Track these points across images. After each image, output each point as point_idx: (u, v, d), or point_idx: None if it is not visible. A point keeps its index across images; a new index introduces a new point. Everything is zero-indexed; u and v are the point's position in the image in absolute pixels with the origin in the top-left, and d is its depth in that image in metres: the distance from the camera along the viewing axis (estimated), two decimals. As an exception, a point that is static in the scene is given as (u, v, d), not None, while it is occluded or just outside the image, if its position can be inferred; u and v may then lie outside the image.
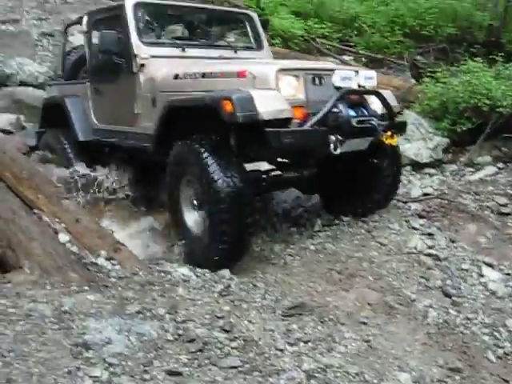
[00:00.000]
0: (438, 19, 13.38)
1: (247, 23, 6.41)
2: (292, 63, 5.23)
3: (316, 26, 12.35)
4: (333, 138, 4.44)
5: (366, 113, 4.73)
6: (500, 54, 8.00)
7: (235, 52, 6.03)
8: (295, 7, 13.51)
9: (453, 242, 4.93)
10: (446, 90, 7.04)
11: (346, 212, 5.44)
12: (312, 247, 4.79)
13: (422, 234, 4.99)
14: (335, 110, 4.49)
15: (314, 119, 4.40)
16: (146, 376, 2.95)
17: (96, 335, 3.27)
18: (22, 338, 3.31)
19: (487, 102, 6.60)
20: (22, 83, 8.67)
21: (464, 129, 6.89)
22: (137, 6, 5.60)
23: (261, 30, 6.44)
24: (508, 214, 5.41)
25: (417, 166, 6.82)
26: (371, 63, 12.28)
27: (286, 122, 4.35)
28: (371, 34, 13.18)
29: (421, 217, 5.38)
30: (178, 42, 5.73)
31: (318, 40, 12.41)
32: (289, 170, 5.08)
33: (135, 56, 5.40)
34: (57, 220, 4.95)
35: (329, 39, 12.97)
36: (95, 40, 6.15)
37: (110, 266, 4.40)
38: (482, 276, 4.42)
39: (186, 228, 4.77)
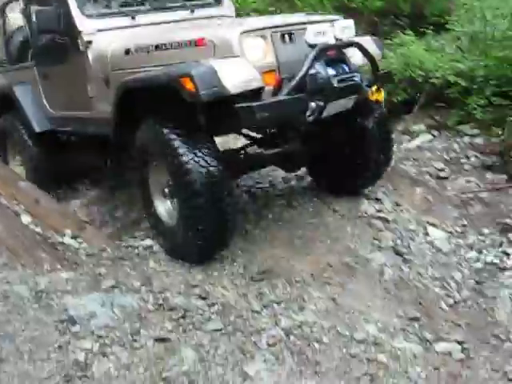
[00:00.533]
0: (366, -8, 13.76)
1: None
2: (255, 22, 4.57)
3: (249, 0, 12.46)
4: (313, 104, 3.94)
5: (347, 69, 4.21)
6: (430, 28, 8.41)
7: (192, 12, 5.34)
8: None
9: (398, 205, 5.27)
10: (381, 63, 7.36)
11: (338, 190, 5.17)
12: (270, 216, 5.02)
13: (371, 199, 5.30)
14: (312, 71, 3.91)
15: (290, 85, 3.85)
16: (136, 344, 3.14)
17: (81, 310, 3.40)
18: (3, 318, 3.41)
19: (421, 73, 6.95)
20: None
21: (400, 99, 7.23)
22: None
23: None
24: (445, 178, 5.80)
25: (357, 136, 7.14)
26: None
27: (258, 92, 3.83)
28: (303, 7, 13.42)
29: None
30: (124, 9, 5.06)
31: (252, 14, 12.56)
32: (268, 146, 4.63)
33: (80, 32, 4.80)
34: (15, 202, 4.95)
35: (262, 14, 13.09)
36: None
37: (76, 244, 4.50)
38: (427, 235, 4.78)
39: (159, 219, 4.37)
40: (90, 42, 4.79)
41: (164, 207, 4.34)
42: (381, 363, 3.07)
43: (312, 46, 3.99)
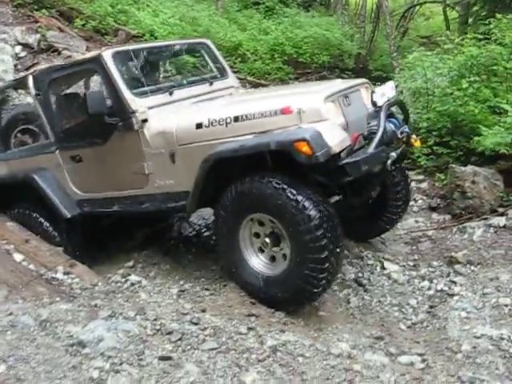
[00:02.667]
0: (314, 48, 14.79)
1: (204, 52, 6.06)
2: (327, 88, 4.71)
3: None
4: (393, 154, 4.42)
5: (398, 123, 4.74)
6: (373, 82, 9.27)
7: (211, 85, 5.65)
8: (182, 34, 14.21)
9: (356, 243, 5.88)
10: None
11: (356, 234, 5.60)
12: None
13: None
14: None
15: (376, 140, 4.28)
16: (143, 363, 3.53)
17: (89, 335, 3.78)
18: (15, 344, 3.75)
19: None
20: None
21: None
22: (115, 56, 5.03)
23: (219, 56, 6.12)
24: (396, 219, 6.49)
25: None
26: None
27: (346, 149, 4.27)
28: (254, 60, 14.25)
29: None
30: (161, 86, 5.32)
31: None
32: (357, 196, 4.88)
33: (133, 112, 4.84)
34: (5, 241, 5.30)
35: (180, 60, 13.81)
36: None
37: (69, 279, 4.88)
38: (384, 268, 5.38)
39: (254, 272, 4.51)
40: (145, 121, 4.87)
41: (260, 260, 4.54)
42: (356, 371, 3.57)
43: (375, 105, 4.50)
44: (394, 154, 4.44)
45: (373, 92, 4.65)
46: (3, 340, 3.78)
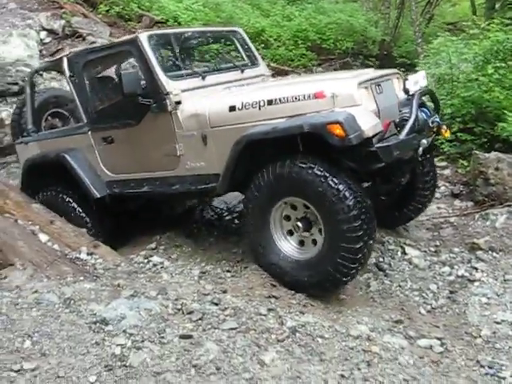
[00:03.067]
0: (337, 34, 14.68)
1: (237, 40, 6.16)
2: (360, 75, 4.81)
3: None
4: (425, 141, 4.50)
5: (428, 112, 4.83)
6: (398, 68, 9.20)
7: (242, 72, 5.76)
8: (206, 21, 14.21)
9: (378, 228, 5.86)
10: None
11: (387, 223, 5.60)
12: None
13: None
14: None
15: (407, 127, 4.36)
16: (164, 340, 3.61)
17: (111, 313, 3.86)
18: (40, 321, 3.85)
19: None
20: None
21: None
22: (150, 39, 5.13)
23: (251, 44, 6.23)
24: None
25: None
26: (277, 75, 13.32)
27: (378, 134, 4.30)
28: (277, 46, 14.21)
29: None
30: (197, 70, 5.42)
31: (231, 53, 13.27)
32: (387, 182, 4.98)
33: (167, 94, 4.93)
34: (30, 223, 5.40)
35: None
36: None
37: (93, 260, 4.96)
38: (405, 254, 5.36)
39: (284, 256, 4.56)
40: (178, 103, 4.96)
41: (289, 244, 4.60)
42: (375, 353, 3.60)
43: (408, 93, 4.57)
44: (425, 142, 4.49)
45: (405, 80, 4.66)
46: (28, 316, 3.89)
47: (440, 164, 7.19)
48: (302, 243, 4.57)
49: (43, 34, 11.80)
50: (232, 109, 4.70)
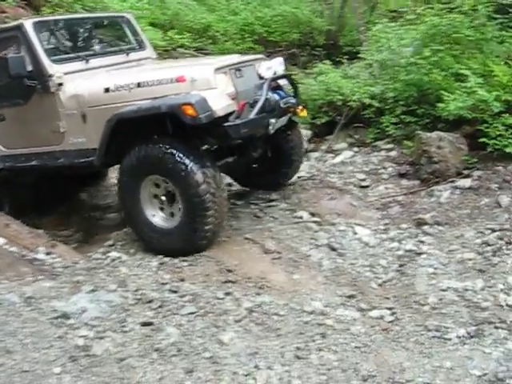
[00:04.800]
0: (283, 26, 14.86)
1: (125, 25, 6.59)
2: (219, 61, 5.43)
3: (176, 36, 13.20)
4: (273, 120, 5.15)
5: (284, 94, 5.52)
6: (344, 57, 9.47)
7: (127, 55, 6.27)
8: (151, 19, 14.18)
9: (328, 211, 6.07)
10: (305, 90, 8.26)
11: (259, 186, 6.39)
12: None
13: (304, 207, 6.09)
14: (267, 96, 5.15)
15: (257, 107, 5.02)
16: (126, 329, 3.73)
17: (72, 307, 3.95)
18: (2, 320, 3.94)
19: (340, 97, 7.88)
20: None
21: (322, 121, 8.16)
22: (35, 25, 5.54)
23: (139, 30, 6.68)
24: (367, 187, 6.67)
25: (287, 155, 7.95)
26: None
27: (230, 114, 4.94)
28: (224, 41, 14.30)
29: (299, 192, 6.50)
30: (80, 54, 5.81)
31: (178, 50, 13.31)
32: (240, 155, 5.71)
33: (50, 76, 5.37)
34: (-15, 227, 5.40)
35: (186, 48, 13.88)
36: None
37: (51, 259, 5.03)
38: (356, 233, 5.54)
39: (151, 225, 5.09)
40: (60, 84, 5.40)
41: (156, 215, 5.14)
42: (328, 326, 3.78)
43: (261, 78, 5.26)
44: (273, 121, 5.16)
45: (259, 66, 5.37)
46: (-10, 316, 3.94)
47: (386, 146, 7.46)
48: (170, 215, 5.12)
49: (-14, 39, 11.58)
50: (106, 90, 5.23)
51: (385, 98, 7.71)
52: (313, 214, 5.91)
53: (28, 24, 5.49)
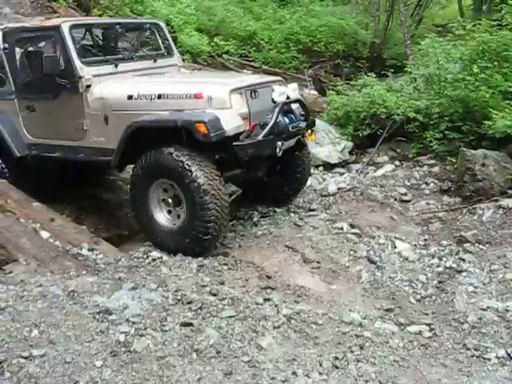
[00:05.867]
0: (328, 37, 14.92)
1: (156, 32, 6.90)
2: (237, 82, 5.74)
3: (222, 42, 13.37)
4: (279, 143, 5.37)
5: (294, 118, 5.72)
6: (389, 70, 9.44)
7: (155, 61, 6.57)
8: (198, 24, 14.40)
9: (369, 223, 6.07)
10: (349, 101, 8.28)
11: (265, 200, 6.53)
12: (259, 232, 5.76)
13: (344, 219, 6.10)
14: (277, 120, 5.37)
15: (265, 130, 5.26)
16: (166, 328, 3.78)
17: (115, 303, 4.03)
18: (46, 312, 4.01)
19: (384, 110, 7.86)
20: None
21: (365, 134, 8.14)
22: (71, 28, 5.85)
23: (169, 37, 6.97)
24: (408, 201, 6.64)
25: (328, 167, 7.95)
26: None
27: (240, 133, 5.19)
28: (268, 49, 14.42)
29: (339, 204, 6.51)
30: (109, 58, 6.09)
31: (223, 56, 13.47)
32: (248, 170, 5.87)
33: (80, 77, 5.69)
34: (31, 220, 5.54)
35: (231, 55, 14.05)
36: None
37: (94, 255, 5.12)
38: (395, 247, 5.53)
39: (157, 225, 5.39)
40: (88, 86, 5.73)
41: (163, 215, 5.42)
42: (367, 337, 3.79)
43: (274, 101, 5.43)
44: (280, 144, 5.36)
45: (273, 91, 5.51)
46: (34, 308, 4.05)
47: (429, 162, 7.40)
48: (177, 216, 5.36)
49: (38, 38, 11.89)
50: (130, 97, 5.54)
51: (429, 113, 7.66)
52: (353, 226, 5.90)
53: (65, 26, 5.80)
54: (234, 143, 5.12)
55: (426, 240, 5.74)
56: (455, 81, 7.54)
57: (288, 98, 5.64)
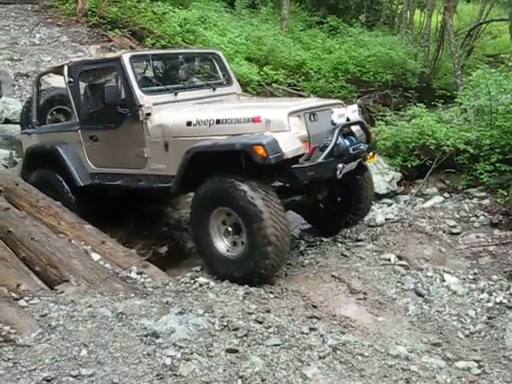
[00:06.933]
0: (377, 66, 14.93)
1: (215, 61, 7.02)
2: (295, 105, 5.64)
3: (271, 72, 13.53)
4: (340, 165, 5.25)
5: (355, 140, 5.66)
6: (438, 101, 9.38)
7: (214, 90, 6.64)
8: (248, 54, 14.61)
9: (417, 255, 5.99)
10: (397, 132, 8.25)
11: (326, 226, 6.47)
12: (306, 261, 5.76)
13: (391, 250, 6.04)
14: (337, 142, 5.30)
15: (325, 153, 5.16)
16: (211, 353, 3.81)
17: (162, 326, 4.09)
18: (95, 332, 4.09)
19: (433, 141, 7.82)
20: (7, 121, 9.09)
21: (414, 164, 8.09)
22: (132, 58, 6.04)
23: (228, 66, 7.06)
24: (457, 234, 6.54)
25: (376, 197, 7.91)
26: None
27: (300, 156, 5.12)
28: (317, 79, 14.50)
29: (387, 234, 6.46)
30: (169, 87, 6.22)
31: (272, 85, 13.62)
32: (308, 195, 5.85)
33: (140, 106, 5.81)
34: (83, 242, 5.70)
35: (280, 84, 14.19)
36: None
37: (142, 278, 5.22)
38: (443, 281, 5.46)
39: (218, 253, 5.32)
40: (148, 114, 5.84)
41: (223, 243, 5.35)
42: (413, 372, 3.74)
43: (333, 123, 5.37)
44: (340, 166, 5.26)
45: (332, 112, 5.45)
46: (84, 328, 4.14)
47: (479, 194, 7.29)
48: (234, 244, 5.31)
49: (94, 65, 12.31)
50: (189, 124, 5.60)
51: (480, 145, 7.56)
52: (400, 258, 5.84)
53: (125, 57, 6.00)
54: (293, 166, 5.05)
55: (475, 274, 5.64)
56: (507, 112, 7.45)
57: (348, 119, 5.59)
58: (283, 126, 5.13)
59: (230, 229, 5.30)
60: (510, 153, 7.24)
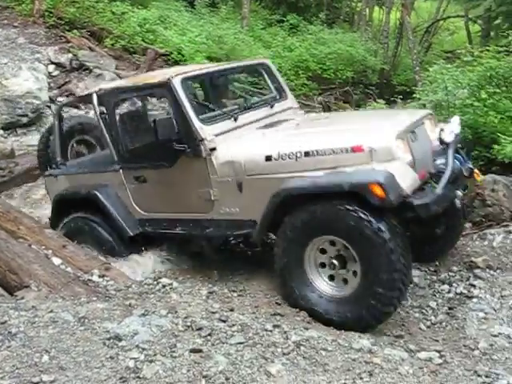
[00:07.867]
0: (337, 64, 15.08)
1: (265, 73, 6.14)
2: (398, 125, 4.62)
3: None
4: (459, 193, 4.58)
5: (463, 159, 4.83)
6: (398, 96, 9.53)
7: (271, 107, 5.73)
8: (209, 53, 14.57)
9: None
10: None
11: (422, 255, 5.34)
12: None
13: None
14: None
15: (444, 181, 4.31)
16: (175, 354, 3.78)
17: (124, 329, 4.05)
18: (57, 337, 4.03)
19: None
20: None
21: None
22: (183, 82, 5.09)
23: (279, 77, 6.19)
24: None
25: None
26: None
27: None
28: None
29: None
30: (226, 110, 5.37)
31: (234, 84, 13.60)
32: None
33: (201, 140, 4.91)
34: (43, 247, 5.61)
35: (241, 82, 14.16)
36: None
37: (104, 281, 5.16)
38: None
39: (318, 292, 4.55)
40: (213, 149, 4.94)
41: (323, 281, 4.58)
42: (376, 364, 3.76)
43: (444, 143, 4.52)
44: (459, 193, 4.57)
45: (441, 130, 4.58)
46: (45, 334, 4.07)
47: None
48: (332, 278, 4.57)
49: (51, 67, 12.21)
50: (268, 159, 4.69)
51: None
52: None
53: (176, 81, 5.04)
54: (414, 203, 4.18)
55: (436, 266, 5.72)
56: (464, 106, 7.59)
57: (456, 135, 4.70)
58: (391, 154, 4.26)
59: (335, 262, 4.48)
60: (467, 147, 7.37)
